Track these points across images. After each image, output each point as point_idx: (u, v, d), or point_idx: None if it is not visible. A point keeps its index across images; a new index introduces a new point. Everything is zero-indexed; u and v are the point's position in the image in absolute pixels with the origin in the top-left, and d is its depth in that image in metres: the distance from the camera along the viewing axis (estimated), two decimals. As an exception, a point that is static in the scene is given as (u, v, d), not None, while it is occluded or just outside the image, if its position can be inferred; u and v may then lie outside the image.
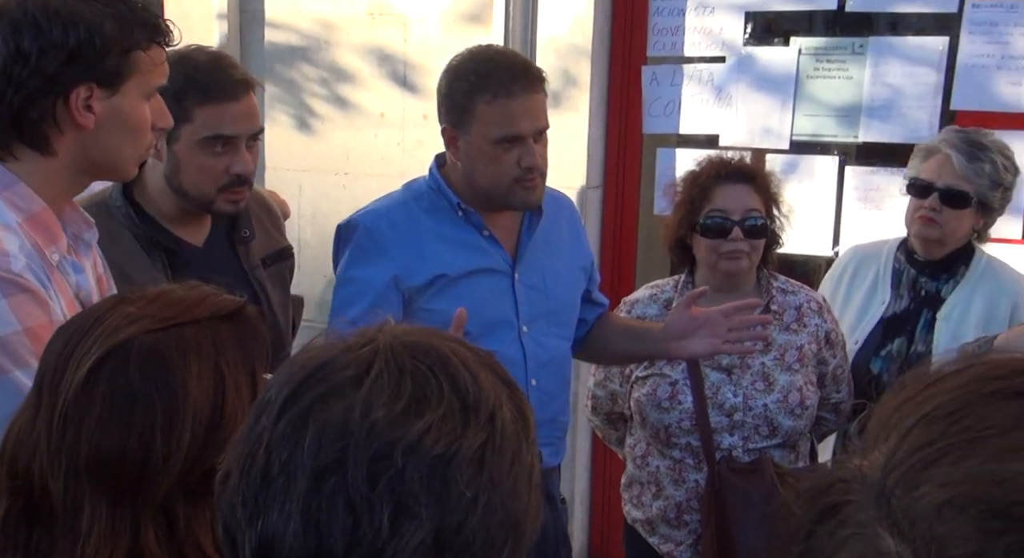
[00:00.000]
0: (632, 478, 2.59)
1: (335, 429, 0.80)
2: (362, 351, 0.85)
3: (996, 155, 2.45)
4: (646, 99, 3.57)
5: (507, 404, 0.86)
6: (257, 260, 2.25)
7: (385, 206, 2.28)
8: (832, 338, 2.51)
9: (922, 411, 0.49)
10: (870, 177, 3.36)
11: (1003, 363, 0.50)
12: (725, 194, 2.40)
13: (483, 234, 2.27)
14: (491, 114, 2.14)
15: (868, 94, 3.29)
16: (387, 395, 0.81)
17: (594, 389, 2.65)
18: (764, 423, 2.40)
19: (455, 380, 0.84)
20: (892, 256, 2.63)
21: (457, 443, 0.80)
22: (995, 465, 0.44)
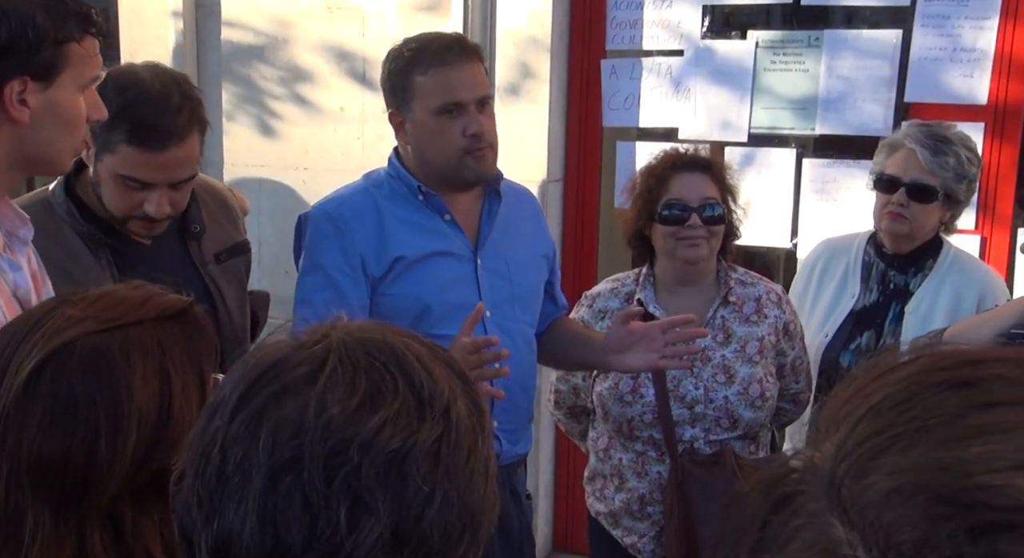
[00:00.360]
0: (595, 471, 2.60)
1: (290, 427, 0.80)
2: (316, 348, 0.85)
3: (960, 148, 2.47)
4: (606, 92, 3.58)
5: (462, 398, 0.86)
6: (210, 255, 2.21)
7: (345, 194, 2.28)
8: (791, 329, 2.53)
9: (871, 402, 0.50)
10: (826, 169, 3.38)
11: (949, 354, 0.51)
12: (682, 183, 2.42)
13: (444, 218, 2.27)
14: (428, 85, 2.16)
15: (824, 87, 3.32)
16: (342, 392, 0.81)
17: (556, 383, 2.66)
18: (725, 415, 2.42)
19: (410, 375, 0.84)
20: (862, 250, 2.65)
21: (413, 438, 0.81)
22: (941, 453, 0.45)
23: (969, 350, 0.51)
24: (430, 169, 2.24)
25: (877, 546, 0.44)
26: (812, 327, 2.65)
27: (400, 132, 2.25)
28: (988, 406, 0.46)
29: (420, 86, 2.17)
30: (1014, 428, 0.45)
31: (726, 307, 2.49)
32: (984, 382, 0.48)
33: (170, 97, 1.96)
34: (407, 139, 2.24)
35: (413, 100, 2.19)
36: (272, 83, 3.87)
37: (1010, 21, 3.08)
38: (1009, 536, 0.41)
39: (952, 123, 2.60)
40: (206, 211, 2.23)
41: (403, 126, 2.23)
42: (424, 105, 2.18)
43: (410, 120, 2.21)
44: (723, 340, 2.46)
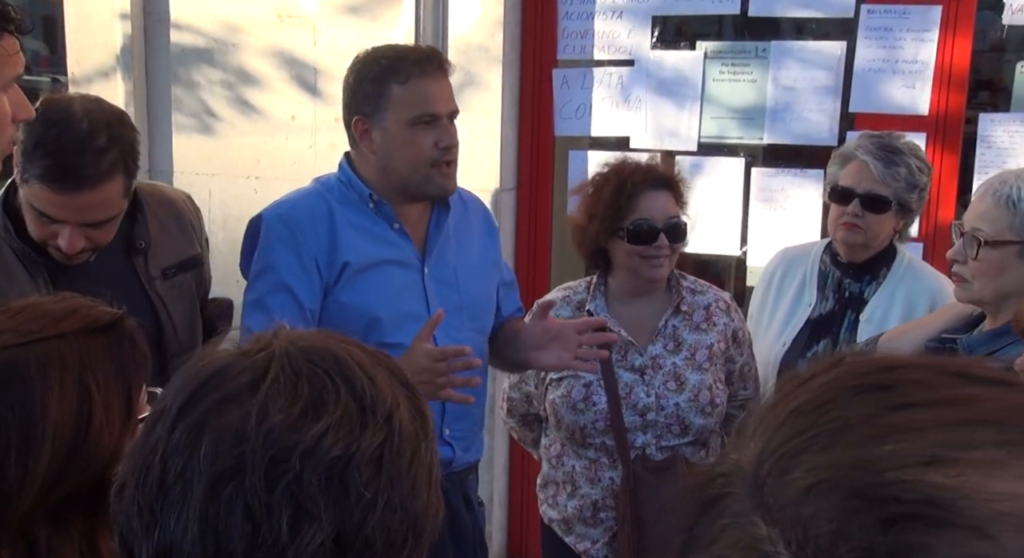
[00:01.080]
0: (547, 478, 2.61)
1: (232, 436, 0.80)
2: (257, 357, 0.85)
3: (910, 158, 2.51)
4: (557, 102, 3.59)
5: (405, 404, 0.87)
6: (157, 271, 2.17)
7: (298, 197, 2.28)
8: (739, 336, 2.56)
9: (792, 406, 0.52)
10: (773, 178, 3.41)
11: (866, 362, 0.53)
12: (649, 202, 2.42)
13: (393, 227, 2.27)
14: (406, 95, 2.17)
15: (771, 97, 3.35)
16: (284, 400, 0.81)
17: (509, 391, 2.66)
18: (676, 422, 2.44)
19: (352, 382, 0.84)
20: (818, 259, 2.67)
21: (355, 445, 0.81)
22: (856, 451, 0.47)
23: (887, 357, 0.53)
24: (394, 179, 2.24)
25: (796, 540, 0.45)
26: (770, 336, 2.67)
27: (365, 140, 2.24)
28: (901, 407, 0.48)
29: (397, 95, 2.18)
30: (924, 427, 0.47)
31: (677, 316, 2.51)
32: (898, 385, 0.50)
33: (95, 139, 1.90)
34: (372, 148, 2.23)
35: (387, 109, 2.19)
36: (223, 91, 3.84)
37: (949, 34, 3.14)
38: (916, 526, 0.43)
39: (902, 133, 2.65)
40: (156, 224, 2.19)
41: (369, 134, 2.23)
42: (399, 115, 2.18)
43: (380, 129, 2.21)
44: (673, 348, 2.48)
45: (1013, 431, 0.46)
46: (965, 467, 0.45)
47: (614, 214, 2.43)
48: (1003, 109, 3.24)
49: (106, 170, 1.91)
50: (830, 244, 2.66)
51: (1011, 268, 2.02)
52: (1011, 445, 0.46)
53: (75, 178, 1.88)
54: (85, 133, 1.89)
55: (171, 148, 3.90)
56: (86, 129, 1.89)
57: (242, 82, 3.82)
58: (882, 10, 3.19)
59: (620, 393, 2.44)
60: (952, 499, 0.43)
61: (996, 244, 2.02)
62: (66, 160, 1.87)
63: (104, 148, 1.90)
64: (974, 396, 0.49)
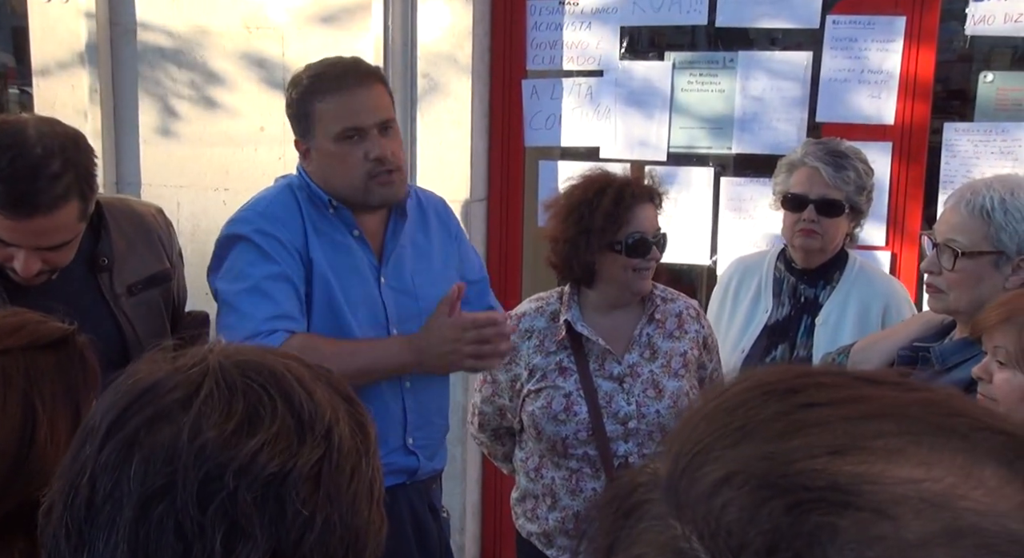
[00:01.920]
0: (525, 492, 2.59)
1: (163, 453, 0.78)
2: (191, 371, 0.83)
3: (856, 161, 2.58)
4: (527, 112, 3.61)
5: (345, 419, 0.85)
6: (122, 288, 2.15)
7: (269, 194, 2.28)
8: (709, 343, 2.59)
9: (705, 411, 0.54)
10: (742, 187, 3.44)
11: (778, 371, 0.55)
12: (641, 215, 2.43)
13: (353, 234, 2.27)
14: (328, 111, 2.17)
15: (739, 107, 3.37)
16: (217, 415, 0.80)
17: (481, 405, 2.64)
18: (657, 429, 2.46)
19: (289, 397, 0.82)
20: (773, 266, 2.71)
21: (292, 461, 0.79)
22: (766, 446, 0.48)
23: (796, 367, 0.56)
24: (339, 193, 2.24)
25: (708, 531, 0.47)
26: (729, 343, 2.70)
27: (305, 159, 2.25)
28: (809, 406, 0.50)
29: (320, 113, 2.18)
30: (830, 422, 0.49)
31: (651, 324, 2.52)
32: (805, 388, 0.52)
33: (49, 164, 1.87)
34: (311, 166, 2.25)
35: (315, 127, 2.20)
36: (190, 102, 3.82)
37: (914, 44, 3.17)
38: (822, 509, 0.45)
39: (841, 139, 2.70)
40: (122, 240, 2.17)
41: (308, 154, 2.24)
42: (325, 132, 2.19)
43: (313, 147, 2.22)
44: (650, 356, 2.50)
45: (913, 423, 0.49)
46: (869, 455, 0.47)
47: (610, 228, 2.41)
48: (968, 119, 3.27)
49: (60, 195, 1.89)
50: (784, 251, 2.70)
51: (987, 278, 2.04)
52: (912, 434, 0.48)
53: (29, 204, 1.86)
54: (39, 158, 1.87)
55: (138, 159, 3.87)
56: (40, 154, 1.87)
57: (210, 92, 3.81)
58: (847, 21, 3.22)
59: (600, 402, 2.45)
60: (856, 484, 0.45)
61: (972, 255, 2.03)
62: (20, 186, 1.85)
63: (58, 174, 1.88)
64: (876, 395, 0.51)
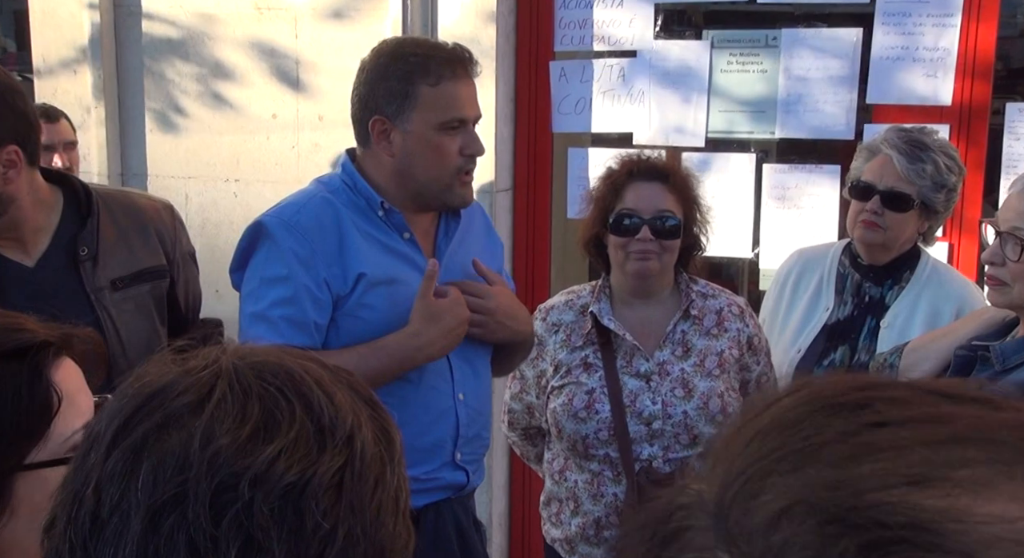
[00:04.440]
0: (550, 495, 2.61)
1: (173, 462, 0.77)
2: (203, 374, 0.82)
3: (938, 155, 2.50)
4: (555, 96, 3.60)
5: (368, 424, 0.83)
6: (105, 281, 2.15)
7: (302, 201, 2.23)
8: (755, 343, 2.56)
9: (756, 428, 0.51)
10: (787, 175, 3.42)
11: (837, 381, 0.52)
12: (637, 193, 2.46)
13: (404, 237, 2.26)
14: (437, 97, 2.16)
15: (783, 88, 3.35)
16: (231, 421, 0.78)
17: (510, 402, 2.66)
18: (684, 431, 2.44)
19: (308, 401, 0.81)
20: (837, 260, 2.67)
21: (311, 469, 0.78)
22: (832, 472, 0.45)
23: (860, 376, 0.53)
24: (412, 187, 2.22)
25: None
26: (784, 342, 2.67)
27: (382, 141, 2.21)
28: (879, 425, 0.47)
29: (424, 96, 2.16)
30: (906, 445, 0.45)
31: (686, 320, 2.52)
32: (873, 403, 0.49)
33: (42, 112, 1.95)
34: (390, 150, 2.21)
35: (413, 110, 2.17)
36: (199, 88, 3.83)
37: (973, 19, 3.13)
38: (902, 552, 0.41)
39: (935, 129, 2.63)
40: (113, 232, 2.17)
41: (388, 136, 2.20)
42: (427, 117, 2.17)
43: (403, 131, 2.19)
44: (682, 354, 2.49)
45: (1003, 449, 0.45)
46: (953, 487, 0.43)
47: (603, 205, 2.48)
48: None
49: None
50: (849, 245, 2.66)
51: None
52: (1002, 464, 0.44)
53: None
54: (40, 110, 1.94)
55: (144, 150, 3.89)
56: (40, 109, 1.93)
57: (219, 78, 3.81)
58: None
59: (624, 401, 2.44)
60: (941, 522, 0.42)
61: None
62: None
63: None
64: (957, 413, 0.48)
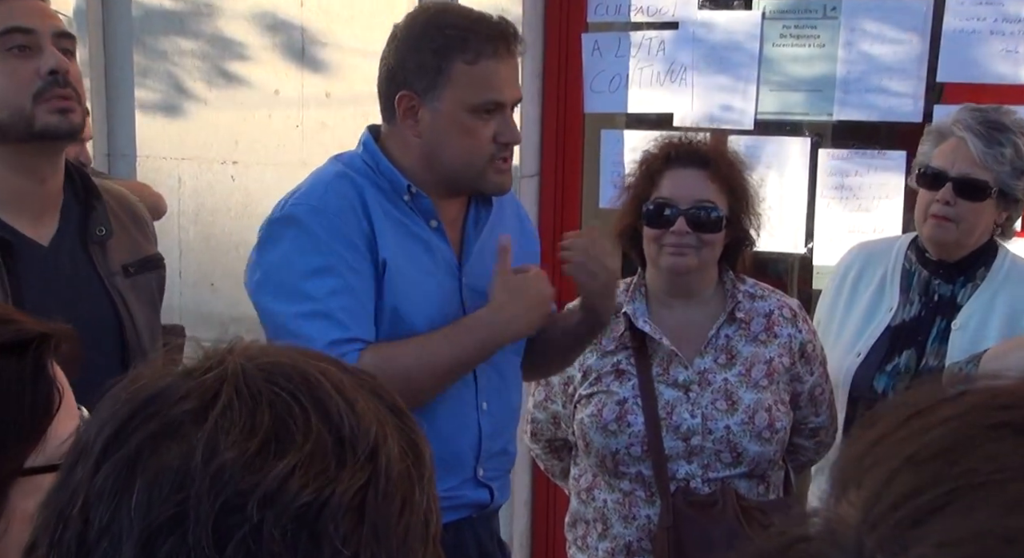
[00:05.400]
0: (576, 516, 2.59)
1: (171, 478, 0.75)
2: (206, 377, 0.80)
3: (1018, 137, 2.46)
4: (587, 73, 3.58)
5: (394, 436, 0.82)
6: (117, 266, 2.18)
7: (321, 181, 2.23)
8: (808, 351, 2.53)
9: (907, 450, 0.46)
10: (846, 162, 3.40)
11: (1009, 389, 0.47)
12: (674, 180, 2.44)
13: (431, 225, 2.25)
14: (474, 76, 2.16)
15: (843, 65, 3.34)
16: (238, 431, 0.77)
17: (534, 411, 2.65)
18: (726, 449, 2.42)
19: (326, 409, 0.79)
20: (902, 255, 2.65)
21: (330, 488, 0.76)
22: (1008, 519, 0.41)
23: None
24: (441, 171, 2.22)
25: None
26: (842, 346, 2.65)
27: (409, 119, 2.20)
28: None
29: (459, 74, 2.15)
30: None
31: (732, 324, 2.50)
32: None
33: None
34: (417, 130, 2.20)
35: (446, 89, 2.16)
36: (194, 62, 3.86)
37: (1058, -13, 3.12)
38: None
39: (1012, 108, 2.61)
40: (113, 216, 2.21)
41: (416, 113, 2.19)
42: (460, 97, 2.16)
43: (432, 109, 2.18)
44: (726, 362, 2.47)
45: None
46: None
47: (638, 192, 2.47)
48: None
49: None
50: (916, 239, 2.63)
51: None
52: None
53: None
54: None
55: (133, 128, 3.93)
56: None
57: (216, 51, 3.84)
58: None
59: (660, 413, 2.42)
60: None
61: None
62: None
63: None
64: None
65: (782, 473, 2.57)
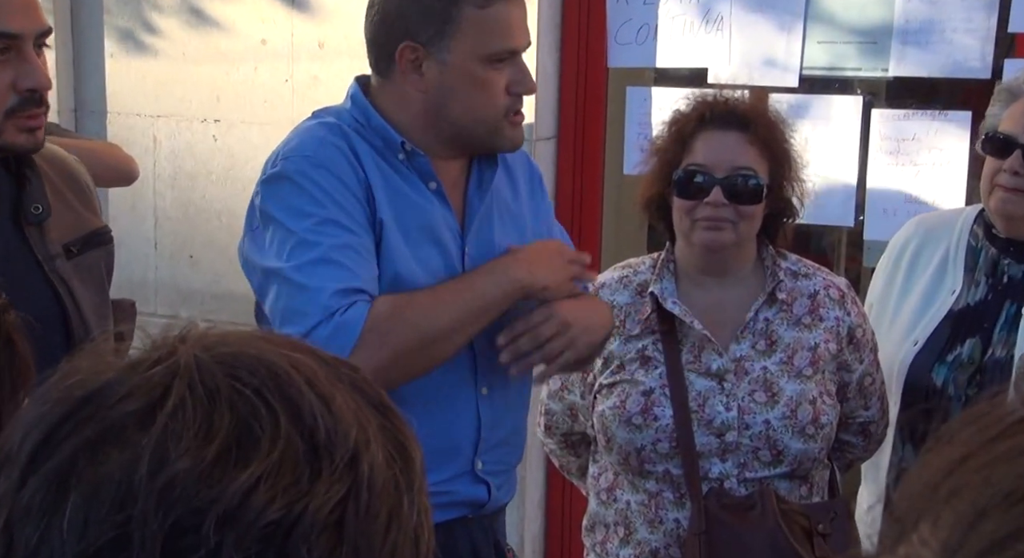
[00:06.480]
0: (595, 518, 2.59)
1: (112, 492, 0.74)
2: (153, 371, 0.78)
3: None
4: (611, 22, 3.58)
5: (379, 440, 0.80)
6: (58, 247, 2.16)
7: (313, 135, 2.23)
8: (857, 336, 2.53)
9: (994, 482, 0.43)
10: (904, 123, 3.39)
11: None
12: (708, 144, 2.44)
13: (429, 186, 2.26)
14: (485, 22, 2.17)
15: (901, 13, 3.33)
16: (192, 436, 0.75)
17: (548, 402, 2.65)
18: (766, 445, 2.42)
19: (297, 408, 0.78)
20: (967, 231, 2.65)
21: (302, 503, 0.75)
22: None
23: None
24: (446, 128, 2.24)
25: None
26: (897, 333, 2.65)
27: (411, 73, 2.20)
28: None
29: (469, 21, 2.16)
30: None
31: (772, 306, 2.49)
32: None
33: None
34: (422, 85, 2.21)
35: (453, 37, 2.17)
36: (172, 4, 3.86)
37: None
38: None
39: None
40: (49, 187, 2.18)
41: (419, 66, 2.20)
42: (470, 47, 2.17)
43: (438, 61, 2.18)
44: (765, 348, 2.47)
45: None
46: None
47: (667, 158, 2.48)
48: None
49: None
50: (983, 212, 2.62)
51: None
52: None
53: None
54: None
55: (103, 80, 3.95)
56: None
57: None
58: None
59: (691, 405, 2.43)
60: None
61: None
62: None
63: None
64: None
65: (827, 473, 2.57)
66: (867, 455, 2.64)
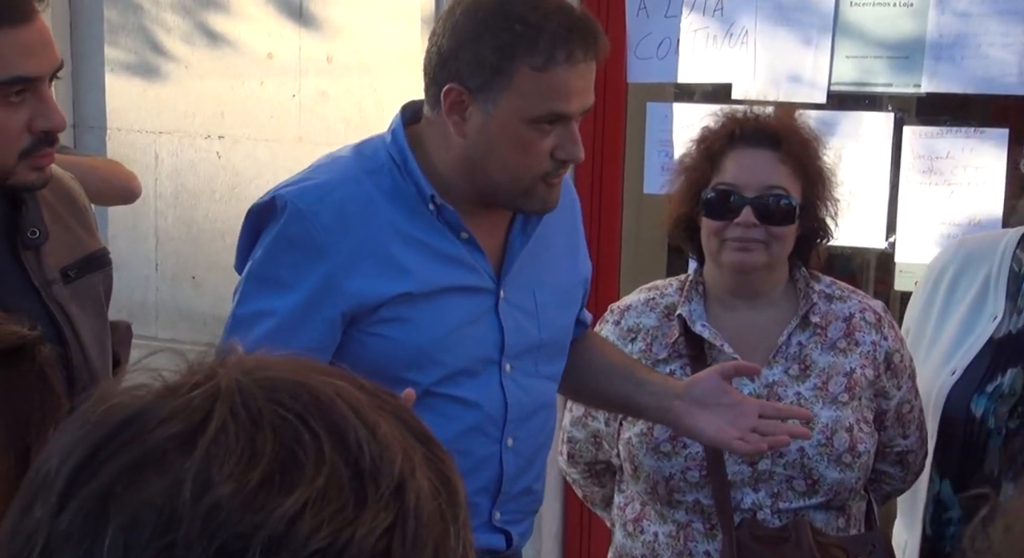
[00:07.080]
0: (622, 551, 2.58)
1: (153, 518, 0.73)
2: (193, 395, 0.78)
3: None
4: (631, 35, 3.60)
5: (423, 469, 0.80)
6: (55, 273, 2.16)
7: (329, 180, 2.21)
8: (895, 362, 2.53)
9: None
10: (937, 140, 3.39)
11: None
12: (739, 162, 2.44)
13: (461, 237, 2.24)
14: (539, 83, 2.12)
15: (934, 27, 3.34)
16: (235, 461, 0.75)
17: (571, 429, 2.65)
18: (800, 474, 2.42)
19: (342, 434, 0.78)
20: (1010, 255, 2.63)
21: (348, 531, 0.74)
22: None
23: None
24: (481, 181, 2.21)
25: None
26: (935, 361, 2.64)
27: (455, 115, 2.17)
28: None
29: (525, 80, 2.12)
30: None
31: (805, 329, 2.50)
32: None
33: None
34: (463, 130, 2.17)
35: (503, 91, 2.13)
36: (175, 19, 3.87)
37: None
38: None
39: None
40: (46, 209, 2.19)
41: (463, 111, 2.16)
42: (517, 105, 2.13)
43: (484, 112, 2.15)
44: (799, 373, 2.47)
45: None
46: None
47: (695, 177, 2.48)
48: None
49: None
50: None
51: None
52: None
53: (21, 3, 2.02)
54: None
55: (103, 96, 3.95)
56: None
57: (200, 6, 3.85)
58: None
59: None
60: None
61: None
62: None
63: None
64: None
65: (864, 504, 2.56)
66: (905, 486, 2.63)
